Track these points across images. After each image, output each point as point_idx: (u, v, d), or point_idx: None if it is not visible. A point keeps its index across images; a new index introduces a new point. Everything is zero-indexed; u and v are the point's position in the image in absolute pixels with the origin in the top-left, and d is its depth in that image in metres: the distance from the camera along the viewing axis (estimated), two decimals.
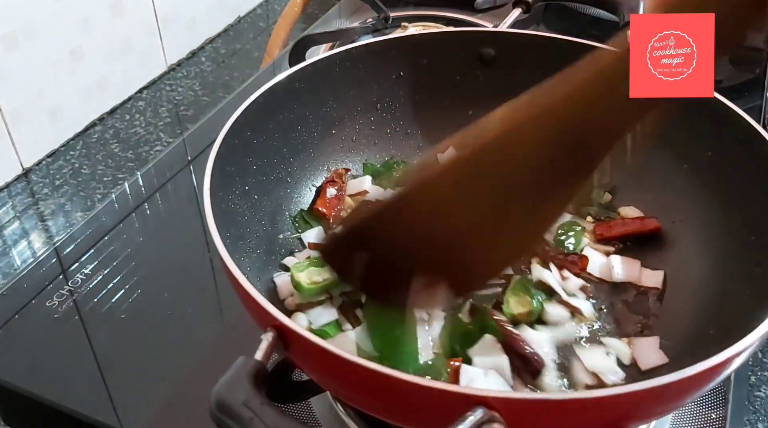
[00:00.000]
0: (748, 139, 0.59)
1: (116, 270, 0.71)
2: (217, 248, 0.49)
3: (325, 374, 0.48)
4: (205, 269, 0.73)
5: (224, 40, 1.25)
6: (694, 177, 0.66)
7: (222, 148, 0.59)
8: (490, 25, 1.02)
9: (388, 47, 0.73)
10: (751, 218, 0.59)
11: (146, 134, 1.02)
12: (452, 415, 0.39)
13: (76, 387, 0.61)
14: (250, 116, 0.63)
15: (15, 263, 0.82)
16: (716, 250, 0.62)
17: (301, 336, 0.43)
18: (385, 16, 1.03)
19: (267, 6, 1.36)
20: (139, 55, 1.09)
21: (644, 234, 0.67)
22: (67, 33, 0.96)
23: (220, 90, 1.12)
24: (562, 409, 0.40)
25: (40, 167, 0.96)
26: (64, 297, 0.69)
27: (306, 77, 0.69)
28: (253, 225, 0.63)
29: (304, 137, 0.71)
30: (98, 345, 0.65)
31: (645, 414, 0.46)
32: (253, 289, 0.46)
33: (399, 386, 0.41)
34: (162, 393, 0.61)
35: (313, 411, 0.59)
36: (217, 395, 0.41)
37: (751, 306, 0.50)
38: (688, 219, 0.66)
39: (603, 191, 0.72)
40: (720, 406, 0.59)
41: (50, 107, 0.96)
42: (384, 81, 0.74)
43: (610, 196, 0.72)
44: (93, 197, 0.90)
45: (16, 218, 0.88)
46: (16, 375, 0.62)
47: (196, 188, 0.83)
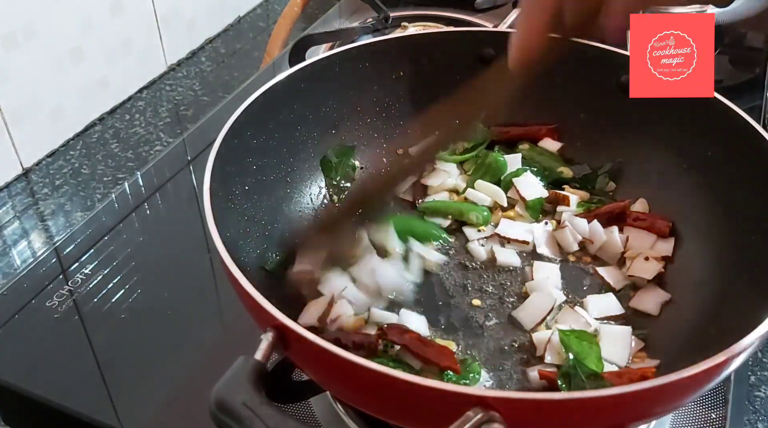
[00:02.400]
0: (748, 139, 0.59)
1: (116, 270, 0.71)
2: (217, 248, 0.49)
3: (325, 374, 0.48)
4: (205, 269, 0.73)
5: (224, 40, 1.25)
6: (694, 177, 0.66)
7: (222, 148, 0.59)
8: (490, 25, 1.02)
9: (388, 47, 0.73)
10: (751, 218, 0.59)
11: (146, 134, 1.02)
12: (452, 415, 0.39)
13: (76, 387, 0.61)
14: (250, 116, 0.63)
15: (15, 263, 0.82)
16: (716, 250, 0.62)
17: (301, 336, 0.43)
18: (385, 16, 1.03)
19: (267, 6, 1.36)
20: (139, 55, 1.09)
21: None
22: (67, 33, 0.96)
23: (220, 90, 1.12)
24: (561, 409, 0.40)
25: (40, 167, 0.96)
26: (64, 297, 0.69)
27: (306, 77, 0.69)
28: (253, 225, 0.63)
29: (304, 137, 0.71)
30: (98, 345, 0.65)
31: (645, 414, 0.46)
32: (253, 289, 0.46)
33: (399, 386, 0.41)
34: (162, 393, 0.61)
35: (313, 411, 0.59)
36: (217, 395, 0.41)
37: (751, 306, 0.50)
38: (688, 219, 0.66)
39: (607, 179, 0.72)
40: (720, 406, 0.59)
41: (50, 107, 0.96)
42: (384, 81, 0.74)
43: (614, 184, 0.72)
44: (93, 197, 0.90)
45: (16, 218, 0.88)
46: (16, 375, 0.62)
47: (196, 188, 0.83)
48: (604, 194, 0.72)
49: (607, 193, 0.72)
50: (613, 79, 0.69)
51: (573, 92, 0.73)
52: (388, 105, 0.76)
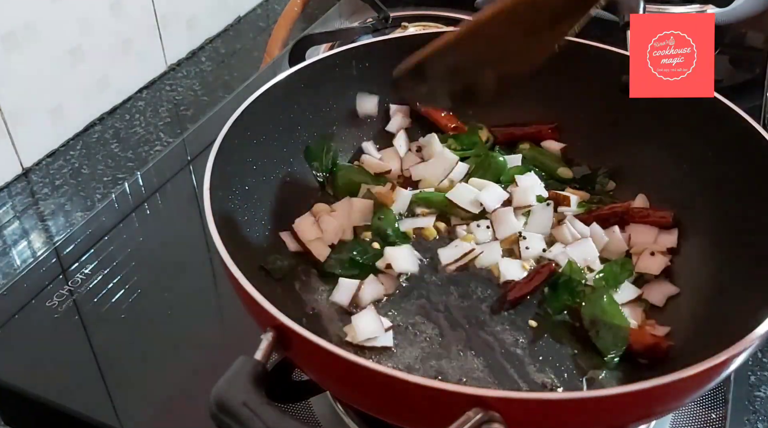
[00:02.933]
0: (748, 139, 0.59)
1: (116, 270, 0.71)
2: (217, 248, 0.49)
3: (325, 374, 0.48)
4: (205, 269, 0.73)
5: (224, 40, 1.25)
6: (694, 176, 0.66)
7: (222, 148, 0.59)
8: None
9: (388, 47, 0.73)
10: (751, 218, 0.59)
11: (146, 134, 1.02)
12: (452, 415, 0.39)
13: (76, 387, 0.61)
14: (250, 116, 0.63)
15: (15, 263, 0.82)
16: (716, 249, 0.62)
17: (301, 335, 0.43)
18: (385, 16, 1.03)
19: (267, 6, 1.36)
20: (139, 55, 1.09)
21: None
22: (67, 33, 0.96)
23: (220, 90, 1.12)
24: (561, 409, 0.40)
25: (40, 167, 0.96)
26: (64, 297, 0.69)
27: (306, 77, 0.69)
28: (253, 225, 0.63)
29: (304, 137, 0.71)
30: (98, 345, 0.65)
31: (645, 414, 0.46)
32: (253, 289, 0.46)
33: (399, 386, 0.41)
34: (162, 393, 0.61)
35: (313, 411, 0.59)
36: (216, 395, 0.41)
37: (751, 306, 0.50)
38: (687, 219, 0.66)
39: (607, 179, 0.73)
40: (720, 406, 0.59)
41: (50, 107, 0.96)
42: (384, 81, 0.74)
43: (614, 184, 0.72)
44: (93, 197, 0.90)
45: (16, 218, 0.88)
46: (16, 375, 0.62)
47: (196, 188, 0.83)
48: (605, 194, 0.72)
49: (607, 193, 0.72)
50: (613, 80, 0.70)
51: (573, 92, 0.73)
52: (388, 105, 0.76)
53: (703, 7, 0.97)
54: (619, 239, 0.66)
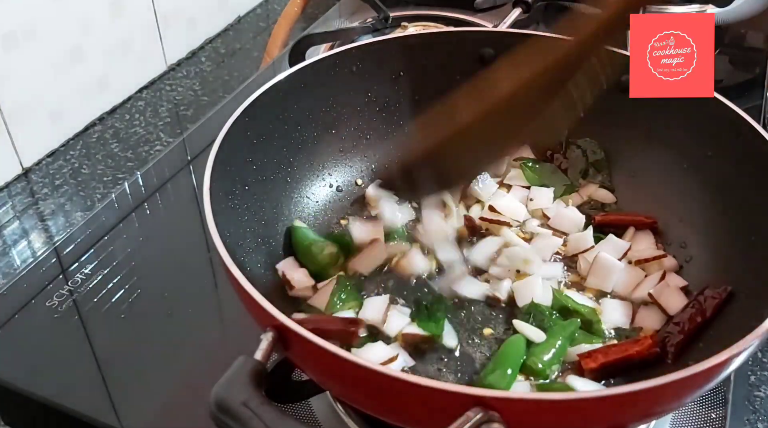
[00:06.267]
0: (748, 139, 0.59)
1: (116, 270, 0.71)
2: (217, 248, 0.49)
3: (325, 374, 0.48)
4: (205, 269, 0.73)
5: (224, 40, 1.25)
6: (694, 177, 0.66)
7: (222, 148, 0.59)
8: (490, 25, 1.02)
9: (388, 47, 0.73)
10: (751, 218, 0.59)
11: (146, 134, 1.02)
12: (452, 415, 0.39)
13: (76, 387, 0.61)
14: (249, 116, 0.63)
15: (15, 263, 0.82)
16: (716, 250, 0.62)
17: (301, 336, 0.43)
18: (385, 16, 1.03)
19: (267, 6, 1.36)
20: (139, 55, 1.09)
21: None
22: (67, 33, 0.96)
23: (220, 90, 1.12)
24: (561, 409, 0.40)
25: (40, 167, 0.96)
26: (64, 297, 0.69)
27: (305, 77, 0.69)
28: (253, 225, 0.63)
29: (304, 137, 0.71)
30: (98, 345, 0.65)
31: (645, 414, 0.46)
32: (253, 289, 0.46)
33: (399, 386, 0.41)
34: (162, 393, 0.61)
35: (313, 411, 0.59)
36: (216, 394, 0.41)
37: (751, 306, 0.50)
38: (688, 219, 0.66)
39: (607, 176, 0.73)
40: (720, 406, 0.59)
41: (50, 107, 0.96)
42: (384, 81, 0.74)
43: (615, 198, 0.72)
44: (93, 197, 0.90)
45: (16, 218, 0.88)
46: (16, 375, 0.62)
47: (196, 188, 0.83)
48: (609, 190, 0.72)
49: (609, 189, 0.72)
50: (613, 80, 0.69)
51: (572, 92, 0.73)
52: (388, 105, 0.76)
53: (703, 7, 0.97)
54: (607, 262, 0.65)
